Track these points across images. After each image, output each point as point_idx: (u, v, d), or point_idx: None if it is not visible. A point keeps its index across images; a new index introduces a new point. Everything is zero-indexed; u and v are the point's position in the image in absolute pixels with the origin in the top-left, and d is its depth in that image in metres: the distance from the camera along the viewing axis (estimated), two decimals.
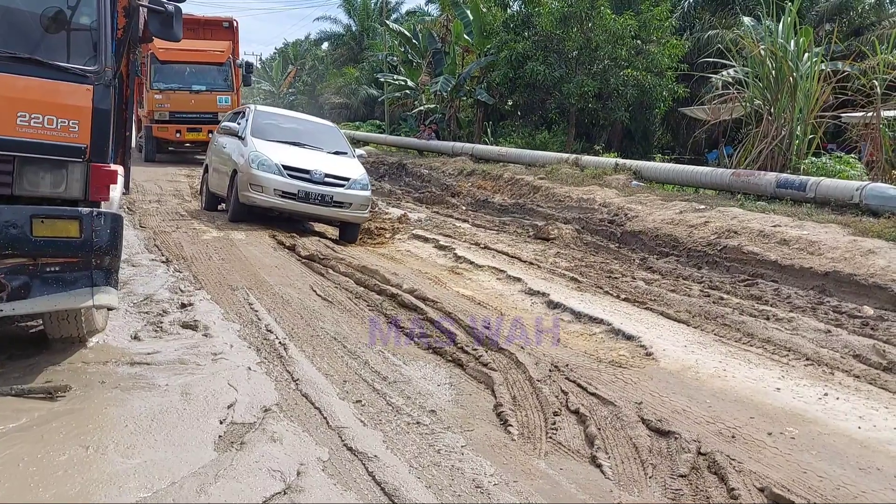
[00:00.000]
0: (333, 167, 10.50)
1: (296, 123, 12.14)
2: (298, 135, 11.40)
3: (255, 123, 11.17)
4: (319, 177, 10.12)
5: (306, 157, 10.59)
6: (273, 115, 12.39)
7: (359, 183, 10.48)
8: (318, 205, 10.13)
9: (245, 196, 10.09)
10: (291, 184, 10.00)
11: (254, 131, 10.91)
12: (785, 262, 8.30)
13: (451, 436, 3.98)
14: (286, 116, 12.63)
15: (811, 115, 13.89)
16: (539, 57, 21.64)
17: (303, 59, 63.33)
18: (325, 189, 10.09)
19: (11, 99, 4.07)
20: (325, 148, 11.16)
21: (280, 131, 11.32)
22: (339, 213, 10.31)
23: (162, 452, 3.58)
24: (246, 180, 10.06)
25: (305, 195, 10.02)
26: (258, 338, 5.46)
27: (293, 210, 10.23)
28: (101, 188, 4.36)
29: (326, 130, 12.23)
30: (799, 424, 4.38)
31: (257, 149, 10.31)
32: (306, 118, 13.16)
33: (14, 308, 4.18)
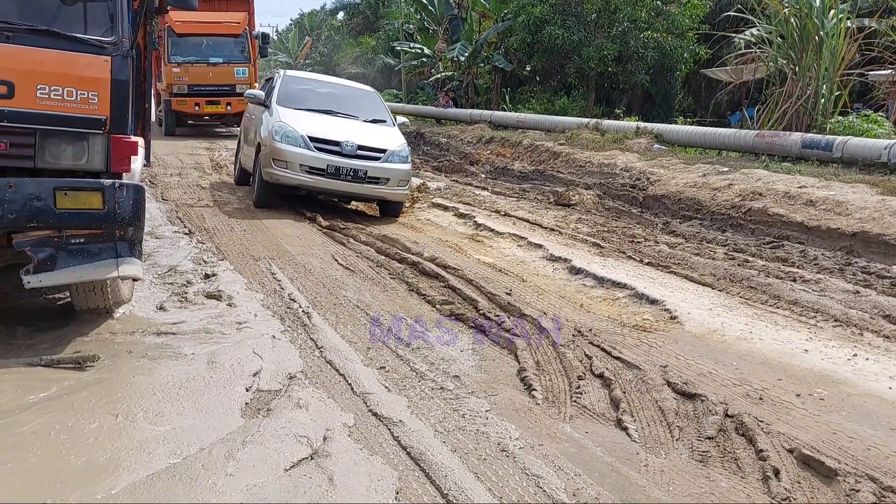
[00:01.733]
0: (368, 138, 9.42)
1: (330, 89, 10.96)
2: (331, 102, 10.30)
3: (284, 90, 10.10)
4: (351, 149, 9.02)
5: (338, 126, 9.50)
6: (304, 80, 11.22)
7: (397, 155, 9.39)
8: (351, 181, 9.05)
9: (269, 173, 9.04)
10: (319, 158, 8.93)
11: (280, 99, 9.85)
12: (811, 224, 8.19)
13: (476, 400, 3.99)
14: (319, 81, 11.37)
15: (837, 73, 13.62)
16: (557, 21, 21.35)
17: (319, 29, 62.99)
18: (357, 163, 9.01)
19: (31, 72, 4.07)
20: (360, 116, 10.10)
21: (311, 98, 10.21)
22: (375, 189, 9.24)
23: (190, 419, 3.61)
24: (269, 155, 9.02)
25: (336, 170, 8.93)
26: (281, 307, 5.48)
27: (322, 188, 9.20)
28: (123, 159, 4.37)
29: (364, 96, 11.04)
30: (828, 386, 4.34)
31: (282, 119, 9.26)
32: (342, 83, 11.97)
33: (41, 280, 4.22)
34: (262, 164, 9.15)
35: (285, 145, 8.96)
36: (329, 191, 9.36)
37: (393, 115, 10.77)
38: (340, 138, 9.13)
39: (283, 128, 9.12)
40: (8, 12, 4.17)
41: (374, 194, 9.36)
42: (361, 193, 9.38)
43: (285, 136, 9.01)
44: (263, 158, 9.14)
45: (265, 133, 9.31)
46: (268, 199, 9.34)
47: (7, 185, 4.04)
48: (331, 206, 10.08)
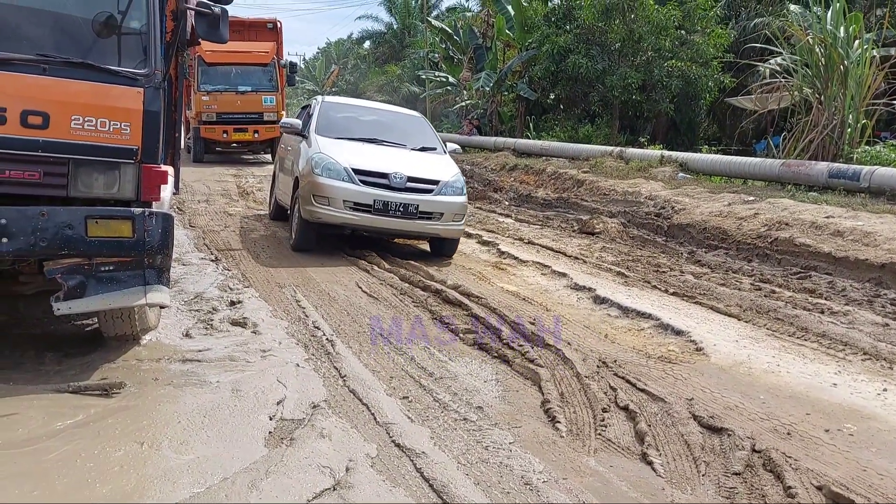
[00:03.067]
0: (418, 168, 8.56)
1: (373, 115, 10.13)
2: (375, 129, 9.51)
3: (323, 118, 9.30)
4: (400, 181, 8.15)
5: (384, 156, 8.64)
6: (344, 106, 10.24)
7: (451, 186, 8.52)
8: (401, 217, 8.14)
9: (309, 212, 8.12)
10: (365, 192, 8.04)
11: (320, 127, 9.03)
12: (839, 254, 8.10)
13: (499, 432, 3.97)
14: (361, 108, 10.51)
15: (863, 102, 13.53)
16: (581, 50, 21.44)
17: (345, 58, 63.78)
18: (407, 197, 8.13)
19: (66, 103, 4.16)
20: (408, 144, 9.28)
21: (353, 126, 9.41)
22: (428, 226, 8.33)
23: (214, 448, 3.63)
24: (308, 190, 8.13)
25: (384, 206, 8.03)
26: (305, 334, 5.51)
27: (369, 226, 8.23)
28: (153, 189, 4.44)
29: (410, 122, 10.14)
30: (857, 421, 4.27)
31: (322, 149, 8.40)
32: (386, 108, 11.20)
33: (70, 307, 4.28)
34: (302, 201, 8.26)
35: (326, 179, 8.08)
36: (377, 229, 8.36)
37: (443, 142, 9.92)
38: (388, 169, 8.24)
39: (323, 160, 8.25)
40: (44, 45, 4.27)
41: (426, 231, 8.44)
42: (413, 231, 8.45)
43: (326, 168, 8.15)
44: (302, 195, 8.26)
45: (303, 166, 8.49)
46: (309, 241, 8.43)
47: (40, 213, 4.12)
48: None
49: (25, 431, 3.69)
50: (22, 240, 4.07)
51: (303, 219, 8.26)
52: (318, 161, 8.26)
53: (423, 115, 10.81)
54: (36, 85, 4.10)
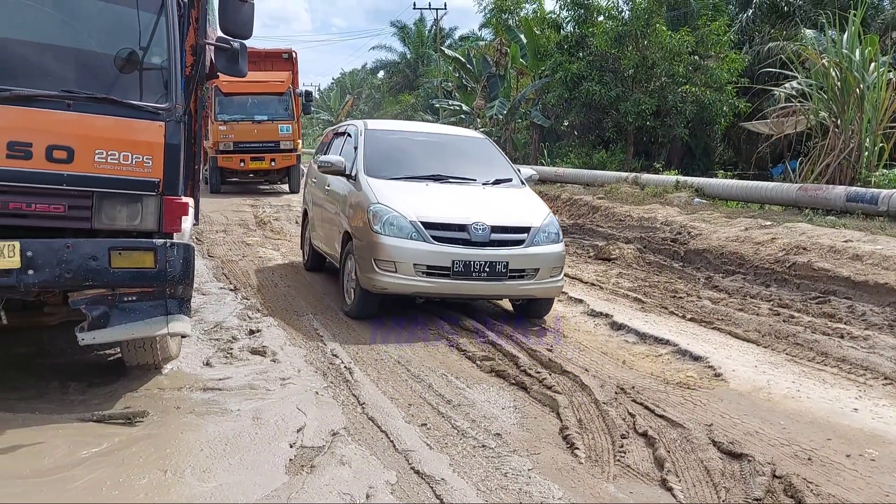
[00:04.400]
0: (501, 212, 6.85)
1: (427, 142, 8.32)
2: (435, 161, 7.76)
3: (371, 152, 7.51)
4: (483, 233, 6.45)
5: (455, 200, 6.98)
6: (392, 132, 8.29)
7: (545, 233, 6.81)
8: (487, 279, 6.45)
9: (371, 280, 6.48)
10: (440, 252, 6.38)
11: (370, 166, 7.28)
12: (858, 278, 8.06)
13: (518, 459, 3.98)
14: (411, 133, 8.55)
15: (880, 125, 13.53)
16: (594, 77, 21.59)
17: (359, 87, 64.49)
18: (493, 253, 6.46)
19: (90, 137, 4.25)
20: (479, 178, 7.54)
21: (407, 160, 7.66)
22: (521, 287, 6.68)
23: (236, 476, 3.66)
24: (368, 253, 6.52)
25: (465, 268, 6.36)
26: (324, 362, 5.55)
27: (447, 293, 6.61)
28: (174, 220, 4.51)
29: (474, 146, 8.37)
30: (879, 446, 4.24)
31: (379, 199, 6.70)
32: (441, 131, 9.59)
33: (94, 337, 4.35)
34: (360, 266, 6.65)
35: (391, 239, 6.44)
36: (456, 296, 6.78)
37: (517, 169, 8.15)
38: (465, 219, 6.54)
39: (384, 213, 6.55)
40: (69, 81, 4.38)
41: (518, 293, 6.83)
42: (502, 294, 6.91)
43: (389, 224, 6.48)
44: (360, 258, 6.66)
45: (357, 218, 6.92)
46: (370, 309, 6.83)
47: (65, 245, 4.20)
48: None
49: (51, 460, 3.75)
50: (48, 272, 4.15)
51: (363, 288, 6.65)
52: (378, 215, 6.55)
53: (486, 137, 8.87)
54: (61, 120, 4.20)
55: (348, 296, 7.05)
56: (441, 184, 7.27)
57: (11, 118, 4.07)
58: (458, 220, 6.53)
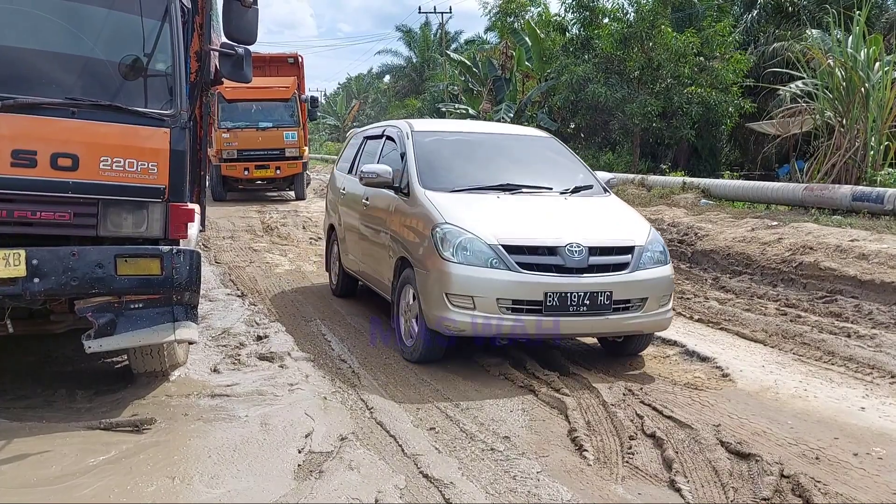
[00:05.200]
0: (595, 228, 5.65)
1: (487, 144, 6.91)
2: (499, 167, 6.46)
3: (423, 159, 6.23)
4: (580, 257, 5.25)
5: (535, 214, 5.78)
6: (445, 135, 6.90)
7: (651, 251, 5.63)
8: (587, 314, 5.25)
9: (441, 319, 5.28)
10: (530, 282, 5.18)
11: (425, 177, 6.03)
12: (865, 278, 8.03)
13: (526, 461, 3.97)
14: (466, 134, 7.10)
15: (885, 125, 13.48)
16: (600, 79, 21.59)
17: (366, 92, 64.63)
18: (594, 280, 5.26)
19: (94, 145, 4.26)
20: (555, 185, 6.29)
21: (466, 167, 6.41)
22: (627, 322, 5.42)
23: (245, 482, 3.67)
24: (438, 289, 5.29)
25: (561, 300, 5.17)
26: (332, 368, 5.55)
27: (540, 334, 5.35)
28: (180, 227, 4.53)
29: (541, 148, 7.06)
30: (886, 444, 4.22)
31: (447, 217, 5.48)
32: (499, 130, 8.00)
33: (101, 345, 4.36)
34: (426, 303, 5.41)
35: (467, 268, 5.22)
36: (550, 335, 5.57)
37: (594, 172, 6.86)
38: (556, 239, 5.32)
39: (455, 235, 5.33)
40: (73, 88, 4.40)
41: (624, 329, 5.57)
42: (604, 332, 5.61)
43: (463, 249, 5.27)
44: (426, 292, 5.42)
45: (418, 243, 5.66)
46: (437, 352, 5.61)
47: (70, 253, 4.21)
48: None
49: (59, 468, 3.76)
50: (53, 279, 4.17)
51: (428, 329, 5.45)
52: (448, 238, 5.33)
53: (551, 135, 7.55)
54: (65, 128, 4.21)
55: (408, 337, 5.77)
56: (514, 195, 5.99)
57: (16, 126, 4.09)
58: (549, 242, 5.29)
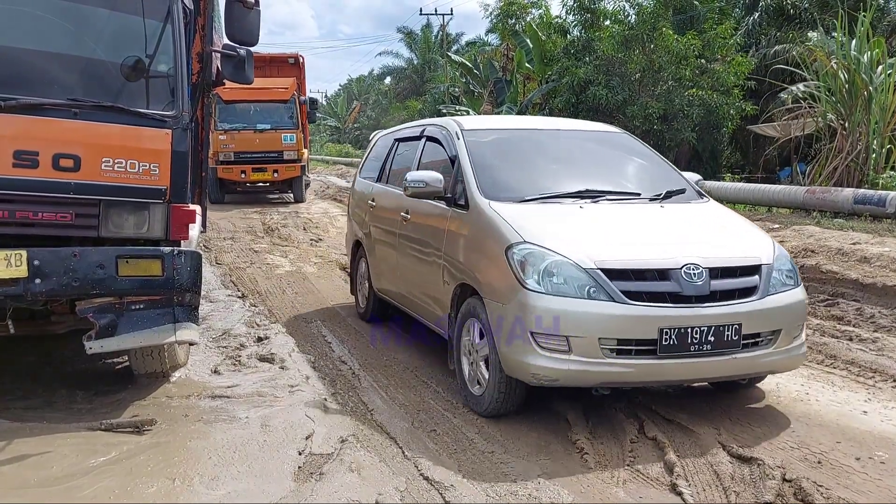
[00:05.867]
0: (708, 243, 4.59)
1: (553, 144, 5.78)
2: (572, 170, 5.51)
3: (482, 165, 5.17)
4: (700, 281, 4.20)
5: (630, 227, 4.74)
6: (503, 135, 5.82)
7: (778, 271, 4.55)
8: (712, 354, 4.19)
9: (525, 365, 4.20)
10: (640, 316, 4.11)
11: (487, 185, 4.96)
12: (867, 281, 8.02)
13: (527, 464, 3.96)
14: (526, 132, 6.00)
15: (887, 128, 13.49)
16: (601, 81, 21.58)
17: (367, 94, 64.66)
18: (719, 311, 4.20)
19: (96, 146, 4.27)
20: (643, 191, 5.26)
21: (535, 172, 5.37)
22: (759, 362, 4.41)
23: (245, 483, 3.66)
24: (520, 327, 4.19)
25: (680, 338, 4.12)
26: (332, 369, 5.55)
27: (653, 381, 4.44)
28: (181, 228, 4.53)
29: (615, 146, 6.01)
30: (889, 448, 4.21)
31: (524, 234, 4.39)
32: (561, 126, 6.35)
33: (102, 346, 4.36)
34: (504, 345, 4.28)
35: (559, 300, 4.13)
36: (664, 382, 4.67)
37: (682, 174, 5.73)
38: (669, 260, 4.25)
39: (540, 257, 4.24)
40: (75, 89, 4.40)
41: (755, 370, 4.57)
42: (731, 375, 4.55)
43: (550, 275, 4.18)
44: (503, 331, 4.29)
45: (486, 267, 4.57)
46: (514, 402, 4.53)
47: (72, 254, 4.22)
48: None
49: (59, 469, 3.76)
50: (55, 280, 4.17)
51: (506, 377, 4.37)
52: (531, 262, 4.23)
53: (622, 130, 6.46)
54: (67, 129, 4.21)
55: (474, 383, 4.71)
56: (597, 204, 4.92)
57: (18, 127, 4.09)
58: (660, 263, 4.22)
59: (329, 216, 16.35)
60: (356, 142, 59.00)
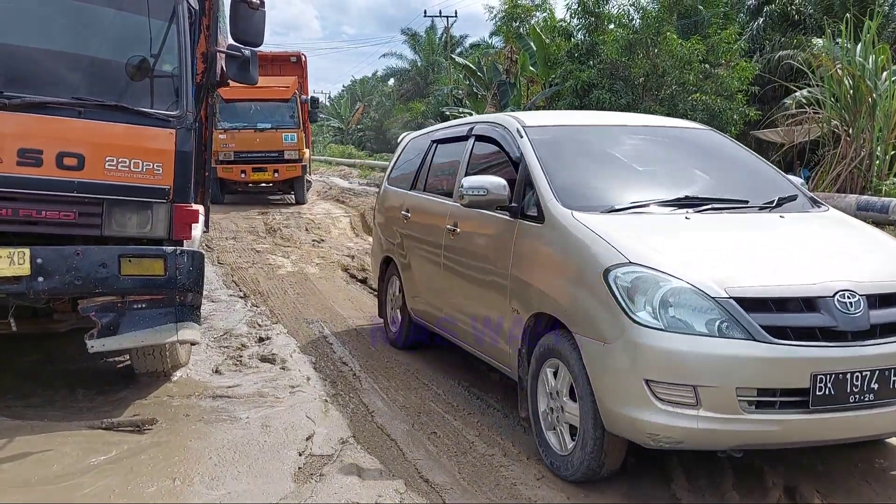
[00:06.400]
0: (853, 260, 3.76)
1: (629, 142, 4.95)
2: (661, 173, 4.72)
3: (553, 167, 4.31)
4: (856, 311, 3.30)
5: (754, 244, 3.89)
6: (569, 132, 4.94)
7: None
8: (876, 405, 3.28)
9: (637, 423, 3.30)
10: (788, 359, 3.20)
11: (563, 192, 4.12)
12: None
13: (528, 468, 3.95)
14: (596, 129, 5.13)
15: (892, 134, 13.47)
16: (605, 85, 21.56)
17: (370, 95, 64.71)
18: (883, 349, 3.29)
19: (100, 145, 4.27)
20: (751, 198, 4.36)
21: (617, 175, 4.60)
22: None
23: (245, 484, 3.66)
24: (631, 374, 3.30)
25: (838, 385, 3.22)
26: (333, 370, 5.54)
27: (804, 440, 3.40)
28: (184, 227, 4.53)
29: (701, 143, 5.14)
30: (891, 455, 4.19)
31: (627, 253, 3.51)
32: (635, 121, 5.71)
33: (104, 344, 4.36)
34: (608, 395, 3.43)
35: (679, 337, 3.27)
36: (821, 443, 3.55)
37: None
38: (815, 286, 3.40)
39: (650, 282, 3.40)
40: (80, 88, 4.40)
41: None
42: (881, 434, 3.71)
43: (666, 305, 3.33)
44: (606, 378, 3.45)
45: (572, 291, 3.72)
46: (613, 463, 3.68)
47: (74, 252, 4.22)
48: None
49: (60, 467, 3.75)
50: (57, 279, 4.17)
51: (607, 432, 3.50)
52: (640, 287, 3.40)
53: (708, 127, 5.62)
54: (71, 127, 4.22)
55: (559, 438, 3.85)
56: (705, 214, 4.10)
57: (22, 125, 4.10)
58: (805, 290, 3.37)
59: (331, 217, 16.35)
60: (359, 143, 59.08)
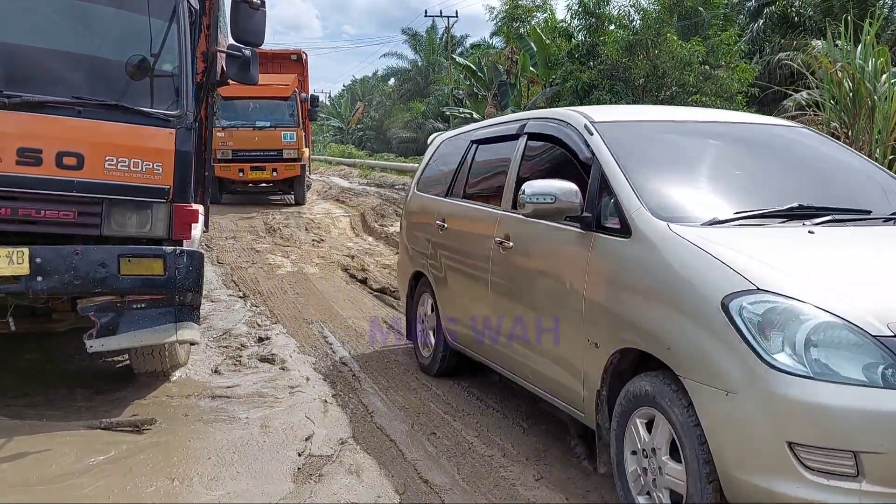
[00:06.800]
0: None
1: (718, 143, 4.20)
2: (763, 179, 3.90)
3: (636, 170, 3.53)
4: None
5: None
6: (649, 130, 4.22)
7: None
8: None
9: (773, 496, 2.51)
10: None
11: (650, 200, 3.32)
12: None
13: (527, 469, 3.95)
14: (681, 126, 4.36)
15: (890, 136, 13.45)
16: (605, 86, 21.57)
17: (370, 95, 64.71)
18: None
19: (100, 144, 4.27)
20: (874, 208, 3.62)
21: (714, 180, 3.84)
22: None
23: (244, 484, 3.65)
24: (770, 435, 2.51)
25: None
26: (333, 370, 5.54)
27: None
28: (184, 227, 4.52)
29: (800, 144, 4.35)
30: None
31: (754, 279, 2.71)
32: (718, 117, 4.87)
33: (103, 344, 4.36)
34: (734, 459, 2.62)
35: (831, 388, 2.47)
36: None
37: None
38: None
39: (789, 316, 2.60)
40: (79, 87, 4.39)
41: None
42: None
43: (811, 345, 2.54)
44: (731, 438, 2.63)
45: (682, 327, 2.88)
46: None
47: (74, 252, 4.21)
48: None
49: (58, 467, 3.75)
50: (56, 278, 4.17)
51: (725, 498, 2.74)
52: (775, 321, 2.62)
53: (804, 126, 4.98)
54: (71, 127, 4.22)
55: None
56: (830, 227, 3.33)
57: (22, 124, 4.09)
58: None
59: (331, 217, 16.35)
60: (359, 142, 59.07)
